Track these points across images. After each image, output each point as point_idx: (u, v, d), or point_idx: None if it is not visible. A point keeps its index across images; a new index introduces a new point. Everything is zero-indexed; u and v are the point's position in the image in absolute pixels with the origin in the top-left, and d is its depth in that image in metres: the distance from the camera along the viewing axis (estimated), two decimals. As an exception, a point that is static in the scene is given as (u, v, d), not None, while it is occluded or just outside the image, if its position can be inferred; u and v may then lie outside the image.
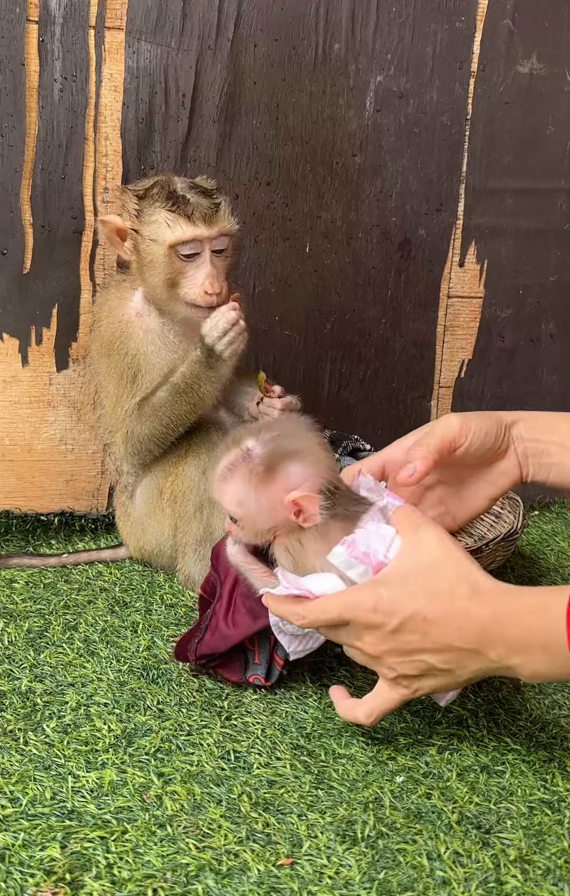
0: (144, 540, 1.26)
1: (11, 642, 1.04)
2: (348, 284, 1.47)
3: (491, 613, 0.74)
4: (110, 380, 1.21)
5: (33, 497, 1.39)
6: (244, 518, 0.86)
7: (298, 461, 0.83)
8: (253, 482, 0.83)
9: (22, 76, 1.26)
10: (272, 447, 0.83)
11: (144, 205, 1.14)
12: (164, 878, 0.67)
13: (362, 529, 0.82)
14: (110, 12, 1.28)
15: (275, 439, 0.84)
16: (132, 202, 1.16)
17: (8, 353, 1.35)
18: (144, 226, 1.14)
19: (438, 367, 1.55)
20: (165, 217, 1.12)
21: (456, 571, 0.77)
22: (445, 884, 0.68)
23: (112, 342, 1.20)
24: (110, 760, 0.81)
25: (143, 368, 1.19)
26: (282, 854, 0.70)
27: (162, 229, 1.12)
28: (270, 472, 0.83)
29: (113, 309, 1.21)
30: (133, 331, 1.19)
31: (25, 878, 0.66)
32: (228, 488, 0.85)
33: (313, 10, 1.36)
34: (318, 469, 0.84)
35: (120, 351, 1.19)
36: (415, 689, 0.80)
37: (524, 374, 1.59)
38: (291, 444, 0.84)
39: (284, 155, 1.39)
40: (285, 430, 0.86)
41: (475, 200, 1.49)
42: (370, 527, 0.82)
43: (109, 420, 1.23)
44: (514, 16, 1.44)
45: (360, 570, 0.81)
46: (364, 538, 0.81)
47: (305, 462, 0.83)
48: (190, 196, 1.12)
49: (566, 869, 0.70)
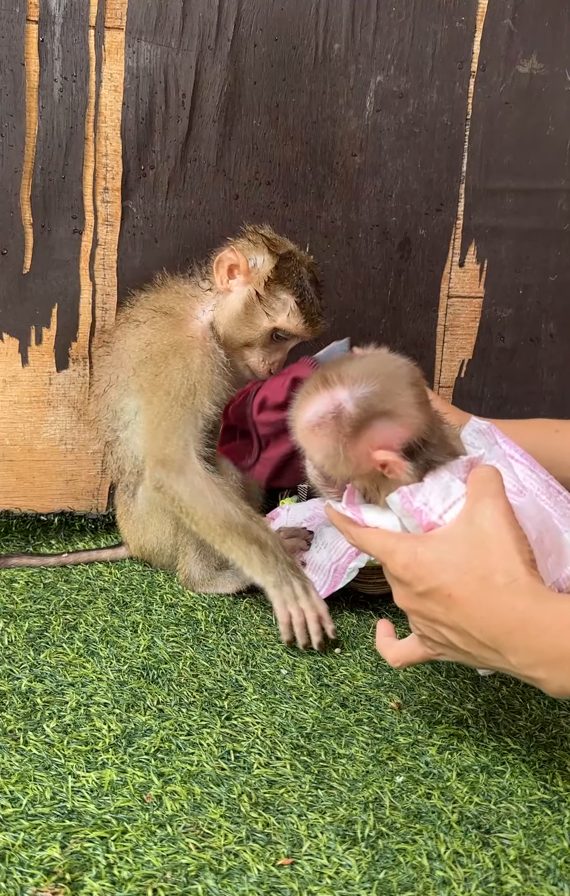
0: (144, 539, 1.26)
1: (11, 642, 1.04)
2: (348, 284, 1.47)
3: (520, 616, 0.69)
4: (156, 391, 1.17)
5: (33, 497, 1.39)
6: (328, 467, 0.83)
7: (388, 421, 0.80)
8: (341, 441, 0.81)
9: (22, 76, 1.26)
10: (365, 406, 0.80)
11: (277, 275, 1.16)
12: (164, 878, 0.67)
13: (430, 481, 0.79)
14: (110, 12, 1.28)
15: (368, 398, 0.80)
16: (269, 263, 1.17)
17: (8, 353, 1.35)
18: (268, 294, 1.16)
19: (438, 367, 1.55)
20: (292, 306, 1.17)
21: (501, 557, 0.72)
22: (445, 884, 0.68)
23: (176, 350, 1.17)
24: (110, 760, 0.81)
25: (202, 387, 1.17)
26: (282, 854, 0.70)
27: (281, 312, 1.17)
28: (359, 431, 0.80)
29: (180, 320, 1.19)
30: (197, 347, 1.18)
31: (25, 878, 0.66)
32: (314, 442, 0.82)
33: (313, 10, 1.36)
34: (408, 428, 0.80)
35: (180, 362, 1.17)
36: (438, 654, 0.79)
37: (524, 374, 1.59)
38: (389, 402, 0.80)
39: (284, 155, 1.39)
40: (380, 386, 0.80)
41: (475, 200, 1.49)
42: (441, 480, 0.78)
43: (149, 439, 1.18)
44: (514, 16, 1.44)
45: (412, 523, 0.78)
46: (425, 492, 0.78)
47: (395, 422, 0.80)
48: (314, 295, 1.18)
49: (566, 869, 0.70)
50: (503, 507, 0.75)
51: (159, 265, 1.28)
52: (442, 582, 0.73)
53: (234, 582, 1.21)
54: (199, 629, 1.10)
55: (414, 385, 0.82)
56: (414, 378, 0.83)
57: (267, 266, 1.17)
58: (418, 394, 0.81)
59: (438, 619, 0.75)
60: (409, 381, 0.82)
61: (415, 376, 0.83)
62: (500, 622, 0.70)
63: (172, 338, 1.18)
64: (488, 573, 0.71)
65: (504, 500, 0.76)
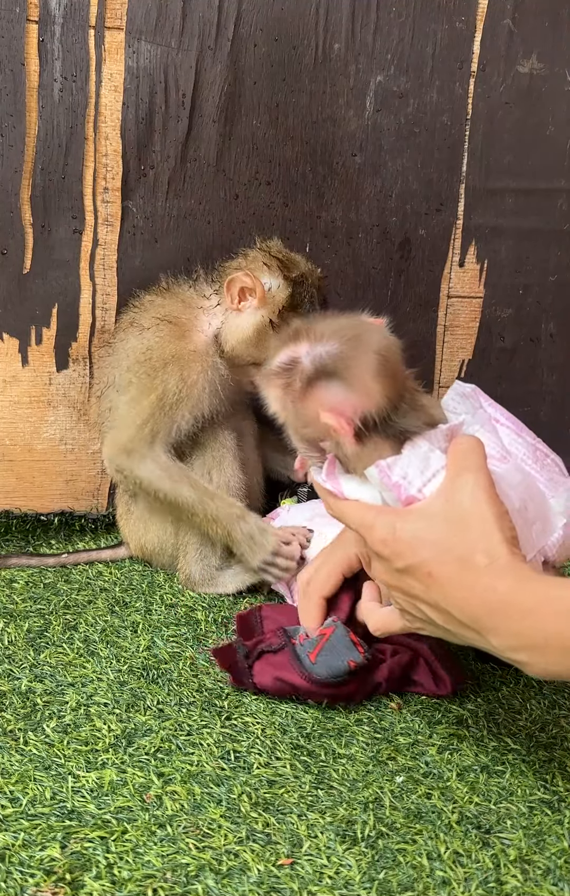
0: (145, 538, 1.26)
1: (11, 642, 1.04)
2: (348, 284, 1.47)
3: (502, 598, 0.67)
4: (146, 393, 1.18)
5: (33, 497, 1.39)
6: (281, 419, 0.82)
7: (340, 383, 0.78)
8: (291, 394, 0.80)
9: (22, 76, 1.26)
10: (320, 364, 0.78)
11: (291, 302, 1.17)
12: (164, 878, 0.67)
13: (407, 452, 0.77)
14: (110, 12, 1.28)
15: (328, 355, 0.78)
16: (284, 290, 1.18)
17: (8, 353, 1.35)
18: (281, 322, 1.17)
19: (438, 367, 1.55)
20: None
21: (481, 535, 0.70)
22: (445, 884, 0.68)
23: (176, 360, 1.18)
24: (110, 760, 0.81)
25: (189, 400, 1.18)
26: (282, 854, 0.70)
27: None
28: (309, 388, 0.79)
29: (185, 331, 1.20)
30: (198, 360, 1.18)
31: (25, 878, 0.66)
32: (271, 391, 0.81)
33: (313, 10, 1.36)
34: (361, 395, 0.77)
35: (177, 372, 1.17)
36: (417, 629, 0.78)
37: (524, 374, 1.58)
38: (342, 364, 0.78)
39: (284, 155, 1.39)
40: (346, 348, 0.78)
41: (474, 200, 1.49)
42: (420, 450, 0.76)
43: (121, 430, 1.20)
44: (514, 16, 1.44)
45: (391, 497, 0.76)
46: (403, 465, 0.76)
47: (349, 386, 0.77)
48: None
49: (566, 869, 0.70)
50: (484, 482, 0.73)
51: (159, 265, 1.28)
52: (422, 559, 0.71)
53: (234, 582, 1.21)
54: (199, 629, 1.10)
55: (380, 355, 0.79)
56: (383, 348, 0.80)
57: (283, 293, 1.18)
58: (380, 363, 0.78)
59: (417, 595, 0.73)
60: (376, 349, 0.79)
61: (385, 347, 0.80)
62: (481, 603, 0.68)
63: (174, 348, 1.18)
64: (468, 553, 0.70)
65: (486, 474, 0.73)
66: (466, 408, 0.84)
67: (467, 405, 0.84)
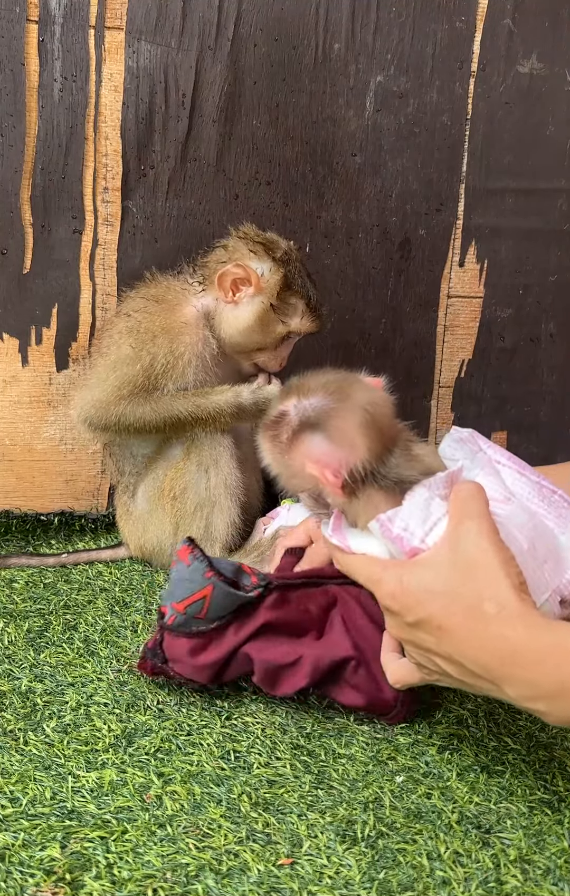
0: (144, 538, 1.26)
1: (11, 642, 1.04)
2: (348, 284, 1.47)
3: (513, 647, 0.66)
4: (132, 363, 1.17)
5: (33, 497, 1.39)
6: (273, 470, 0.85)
7: (325, 436, 0.80)
8: (278, 447, 0.83)
9: (22, 76, 1.26)
10: (305, 417, 0.80)
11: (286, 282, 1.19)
12: (164, 878, 0.67)
13: (407, 502, 0.77)
14: (110, 12, 1.28)
15: (312, 409, 0.80)
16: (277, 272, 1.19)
17: (8, 353, 1.35)
18: (280, 302, 1.19)
19: (438, 367, 1.55)
20: (302, 308, 1.22)
21: (488, 583, 0.69)
22: (445, 884, 0.68)
23: (166, 331, 1.18)
24: (110, 760, 0.81)
25: (174, 371, 1.18)
26: (282, 854, 0.70)
27: (293, 317, 1.22)
28: (294, 440, 0.81)
29: (174, 306, 1.20)
30: (188, 333, 1.19)
31: (25, 878, 0.66)
32: (263, 443, 0.85)
33: (313, 10, 1.36)
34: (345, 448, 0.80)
35: (166, 344, 1.18)
36: (435, 681, 0.78)
37: (524, 374, 1.59)
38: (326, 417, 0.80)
39: (284, 155, 1.39)
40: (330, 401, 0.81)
41: (474, 200, 1.49)
42: (419, 499, 0.76)
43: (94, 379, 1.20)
44: (514, 16, 1.44)
45: (396, 549, 0.76)
46: (404, 516, 0.76)
47: (332, 439, 0.80)
48: (315, 291, 1.24)
49: (566, 869, 0.70)
50: (487, 529, 0.72)
51: (159, 265, 1.28)
52: (431, 612, 0.71)
53: (234, 582, 1.21)
54: (199, 629, 1.10)
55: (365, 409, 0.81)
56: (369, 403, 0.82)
57: (276, 276, 1.19)
58: (365, 417, 0.80)
59: (430, 648, 0.73)
60: (361, 403, 0.81)
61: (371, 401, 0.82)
62: (493, 654, 0.68)
63: (163, 321, 1.19)
64: (476, 602, 0.69)
65: (488, 520, 0.73)
66: (464, 453, 0.83)
67: (465, 450, 0.84)
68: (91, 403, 1.19)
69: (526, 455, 1.75)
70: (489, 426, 1.59)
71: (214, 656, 0.88)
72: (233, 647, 0.88)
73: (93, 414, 1.19)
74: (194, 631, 0.88)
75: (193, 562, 0.86)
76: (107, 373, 1.18)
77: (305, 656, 0.86)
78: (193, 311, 1.20)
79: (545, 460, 1.62)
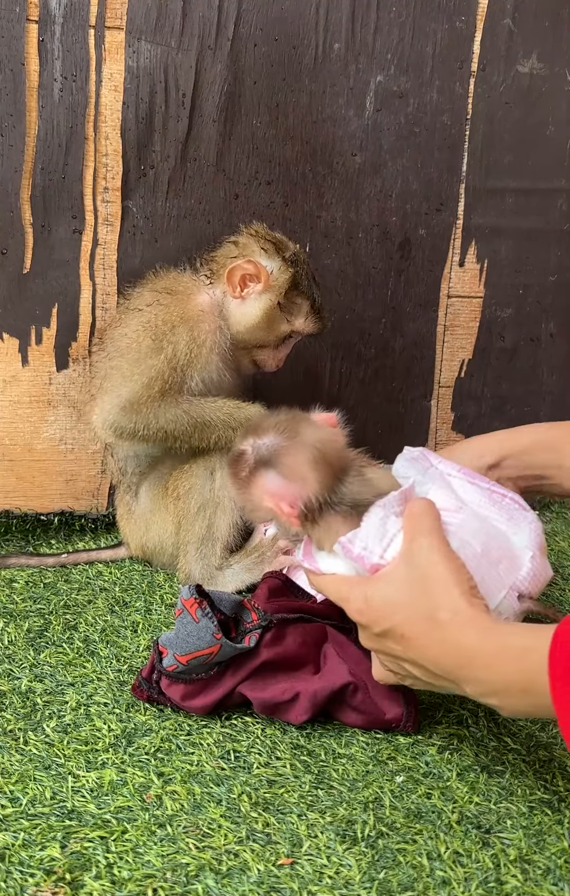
0: (146, 538, 1.26)
1: (11, 642, 1.04)
2: (348, 284, 1.47)
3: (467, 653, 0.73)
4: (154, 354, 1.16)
5: (33, 497, 1.39)
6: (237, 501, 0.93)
7: (277, 472, 0.87)
8: (238, 483, 0.90)
9: (22, 76, 1.26)
10: (260, 455, 0.88)
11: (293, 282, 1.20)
12: (164, 878, 0.67)
13: (365, 523, 0.83)
14: (110, 12, 1.28)
15: (266, 448, 0.88)
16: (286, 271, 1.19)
17: (8, 352, 1.35)
18: (287, 302, 1.20)
19: (438, 366, 1.55)
20: (306, 309, 1.23)
21: (441, 593, 0.76)
22: (445, 884, 0.68)
23: (184, 320, 1.17)
24: (110, 760, 0.81)
25: (199, 360, 1.17)
26: (282, 854, 0.70)
27: (298, 317, 1.23)
28: (252, 478, 0.88)
29: (188, 295, 1.20)
30: (207, 320, 1.19)
31: (25, 878, 0.66)
32: (229, 477, 0.92)
33: (313, 10, 1.36)
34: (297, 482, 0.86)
35: (187, 333, 1.17)
36: (410, 684, 0.82)
37: (524, 374, 1.59)
38: (279, 455, 0.88)
39: (284, 154, 1.39)
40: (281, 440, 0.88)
41: (475, 200, 1.49)
42: (375, 518, 0.83)
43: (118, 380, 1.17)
44: (514, 16, 1.44)
45: (360, 568, 0.82)
46: (363, 536, 0.82)
47: (285, 475, 0.87)
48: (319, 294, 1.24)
49: (566, 869, 0.70)
50: (437, 543, 0.79)
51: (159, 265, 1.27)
52: (394, 623, 0.77)
53: (234, 581, 1.21)
54: (199, 629, 1.10)
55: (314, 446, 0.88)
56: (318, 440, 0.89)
57: (285, 275, 1.20)
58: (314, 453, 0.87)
59: (398, 655, 0.79)
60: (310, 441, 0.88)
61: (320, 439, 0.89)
62: (450, 657, 0.74)
63: (181, 311, 1.18)
64: (432, 611, 0.75)
65: (438, 534, 0.80)
66: (416, 470, 0.91)
67: (417, 467, 0.91)
68: (119, 406, 1.16)
69: (526, 455, 1.74)
70: (488, 426, 1.59)
71: (210, 699, 0.90)
72: (229, 689, 0.90)
73: (121, 418, 1.16)
74: (193, 678, 0.90)
75: (201, 619, 0.89)
76: (131, 370, 1.16)
77: (302, 693, 0.88)
78: (207, 300, 1.20)
79: (545, 460, 1.62)
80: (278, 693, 0.89)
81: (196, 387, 1.19)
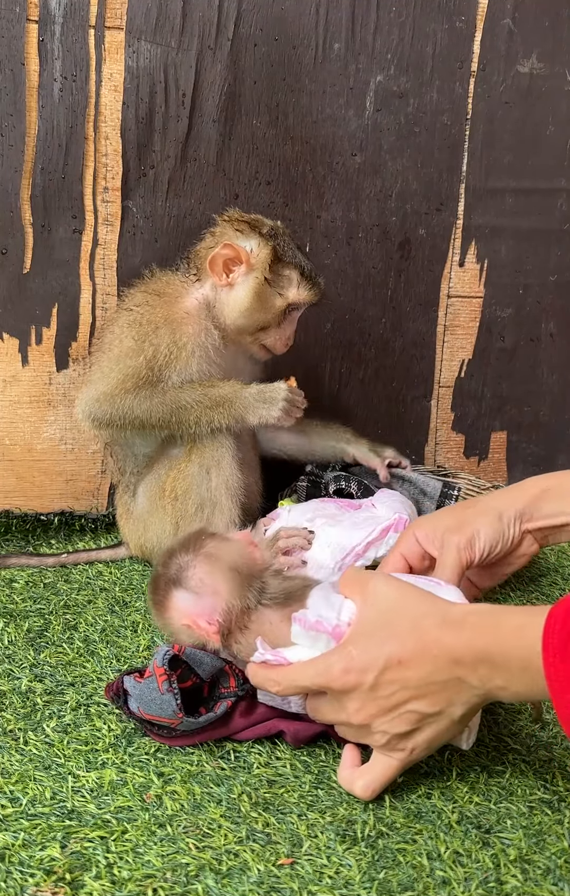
0: (145, 537, 1.26)
1: (11, 642, 1.04)
2: (348, 284, 1.47)
3: (466, 640, 0.72)
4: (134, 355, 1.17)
5: (33, 497, 1.39)
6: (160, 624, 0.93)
7: (189, 590, 0.88)
8: (158, 609, 0.91)
9: (22, 76, 1.26)
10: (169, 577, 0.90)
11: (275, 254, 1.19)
12: (164, 878, 0.67)
13: (310, 602, 0.85)
14: (110, 12, 1.28)
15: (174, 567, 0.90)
16: (265, 246, 1.19)
17: (8, 352, 1.35)
18: (274, 276, 1.20)
19: (438, 366, 1.55)
20: (296, 278, 1.21)
21: (417, 606, 0.76)
22: (445, 884, 0.68)
23: (168, 322, 1.18)
24: (110, 760, 0.81)
25: (178, 362, 1.18)
26: (282, 854, 0.70)
27: (290, 288, 1.22)
28: (167, 600, 0.90)
29: (175, 298, 1.21)
30: (190, 323, 1.19)
31: (25, 878, 0.66)
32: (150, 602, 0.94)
33: (313, 10, 1.36)
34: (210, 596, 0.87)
35: (168, 335, 1.18)
36: (412, 749, 0.76)
37: (524, 374, 1.59)
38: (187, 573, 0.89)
39: (284, 154, 1.39)
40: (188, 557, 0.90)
41: (475, 200, 1.49)
42: (317, 596, 0.85)
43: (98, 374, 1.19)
44: (514, 16, 1.44)
45: (323, 642, 0.81)
46: (314, 609, 0.83)
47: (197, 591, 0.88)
48: (306, 259, 1.23)
49: (566, 869, 0.70)
50: (384, 579, 0.81)
51: (159, 265, 1.28)
52: (388, 655, 0.74)
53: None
54: (199, 629, 1.10)
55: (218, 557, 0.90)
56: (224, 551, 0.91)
57: (265, 250, 1.19)
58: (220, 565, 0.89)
59: (398, 699, 0.74)
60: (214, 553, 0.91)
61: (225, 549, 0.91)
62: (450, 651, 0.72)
63: (165, 312, 1.19)
64: (415, 624, 0.75)
65: (382, 574, 0.83)
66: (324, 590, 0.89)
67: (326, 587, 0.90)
68: (95, 398, 1.18)
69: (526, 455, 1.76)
70: (488, 426, 1.59)
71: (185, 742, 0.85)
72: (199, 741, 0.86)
73: (97, 409, 1.18)
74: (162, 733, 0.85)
75: (166, 693, 0.82)
76: (110, 366, 1.18)
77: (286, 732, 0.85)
78: (194, 303, 1.21)
79: (545, 460, 1.62)
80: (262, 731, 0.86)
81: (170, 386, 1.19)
